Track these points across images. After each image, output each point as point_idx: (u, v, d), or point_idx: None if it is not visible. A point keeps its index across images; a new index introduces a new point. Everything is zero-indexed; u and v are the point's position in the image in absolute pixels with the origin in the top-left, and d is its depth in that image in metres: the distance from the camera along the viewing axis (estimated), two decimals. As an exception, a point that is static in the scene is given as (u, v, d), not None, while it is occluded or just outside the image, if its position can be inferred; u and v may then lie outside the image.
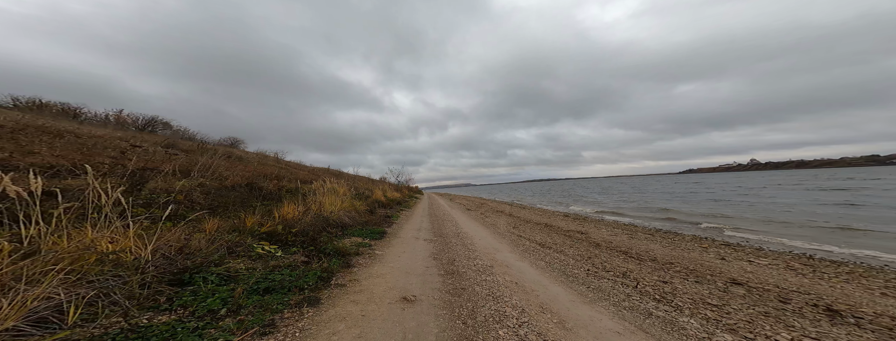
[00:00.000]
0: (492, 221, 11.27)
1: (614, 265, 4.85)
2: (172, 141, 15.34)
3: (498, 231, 8.68)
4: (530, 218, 13.13)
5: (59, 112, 17.31)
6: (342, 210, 6.82)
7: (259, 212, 4.56)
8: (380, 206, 12.57)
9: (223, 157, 14.91)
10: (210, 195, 4.46)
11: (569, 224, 10.83)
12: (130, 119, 20.36)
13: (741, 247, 6.97)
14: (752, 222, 10.68)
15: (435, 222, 9.96)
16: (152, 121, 21.70)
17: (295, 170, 21.40)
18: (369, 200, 10.74)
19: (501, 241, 6.83)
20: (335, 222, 6.01)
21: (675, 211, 14.32)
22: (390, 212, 11.38)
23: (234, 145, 25.50)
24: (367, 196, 10.99)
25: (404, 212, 12.98)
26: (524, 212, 16.44)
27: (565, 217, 14.16)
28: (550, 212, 16.57)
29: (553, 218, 13.33)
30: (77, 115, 17.35)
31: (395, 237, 6.69)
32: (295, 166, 24.45)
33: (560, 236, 7.96)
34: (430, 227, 8.62)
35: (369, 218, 8.34)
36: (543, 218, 13.34)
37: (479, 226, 9.75)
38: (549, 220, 12.10)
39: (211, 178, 5.35)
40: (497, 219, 12.11)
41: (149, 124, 21.43)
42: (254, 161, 18.74)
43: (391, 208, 13.52)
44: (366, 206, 9.20)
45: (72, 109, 17.49)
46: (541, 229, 9.38)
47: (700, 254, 5.77)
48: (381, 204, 12.98)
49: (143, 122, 21.08)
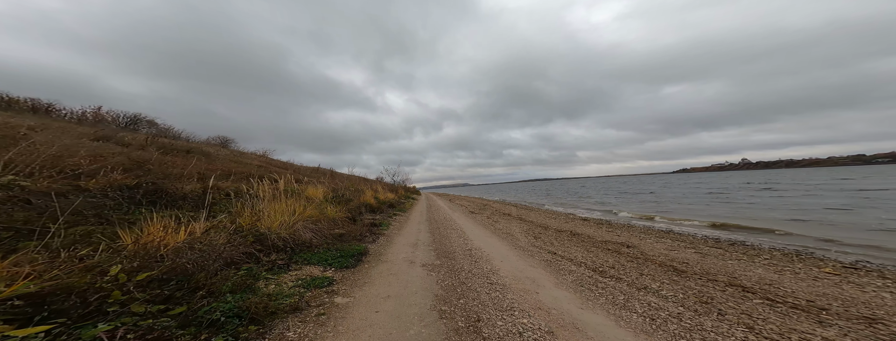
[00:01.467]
0: (504, 228, 9.19)
1: (773, 321, 2.77)
2: (109, 134, 12.97)
3: (518, 243, 6.60)
4: (546, 222, 11.07)
5: (28, 108, 15.72)
6: (303, 221, 4.68)
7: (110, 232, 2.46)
8: (368, 211, 10.43)
9: (175, 153, 12.66)
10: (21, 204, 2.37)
11: (600, 232, 8.78)
12: (111, 116, 19.14)
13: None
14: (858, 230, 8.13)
15: (436, 231, 7.86)
16: (135, 119, 20.24)
17: (278, 168, 19.17)
18: (352, 204, 8.58)
19: (532, 263, 4.75)
20: (283, 241, 3.88)
21: (729, 216, 12.06)
22: (380, 219, 9.24)
23: (225, 144, 24.41)
24: (348, 199, 8.83)
25: (398, 218, 10.85)
26: (535, 215, 14.38)
27: (586, 222, 12.11)
28: (565, 216, 14.52)
29: (574, 223, 11.28)
30: (49, 111, 16.17)
31: (378, 260, 4.57)
32: (278, 164, 22.19)
33: (603, 252, 5.90)
34: (430, 240, 6.51)
35: (349, 228, 6.21)
36: (562, 223, 11.28)
37: (492, 235, 7.67)
38: (573, 227, 10.04)
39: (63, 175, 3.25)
40: (509, 225, 10.04)
41: (132, 122, 19.98)
42: (226, 158, 16.49)
43: (382, 212, 11.38)
44: (346, 212, 7.06)
45: (43, 105, 16.26)
46: (570, 240, 7.32)
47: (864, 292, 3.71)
48: (370, 208, 10.83)
49: (126, 120, 19.61)
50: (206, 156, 14.61)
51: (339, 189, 11.02)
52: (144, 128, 20.37)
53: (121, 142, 11.59)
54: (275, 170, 18.40)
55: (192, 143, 18.26)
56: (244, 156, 20.41)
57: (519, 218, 13.12)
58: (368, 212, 10.27)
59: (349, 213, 7.34)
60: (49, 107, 16.25)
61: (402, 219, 10.84)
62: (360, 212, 9.08)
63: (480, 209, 17.91)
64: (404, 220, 10.28)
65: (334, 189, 11.09)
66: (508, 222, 11.08)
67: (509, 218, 12.99)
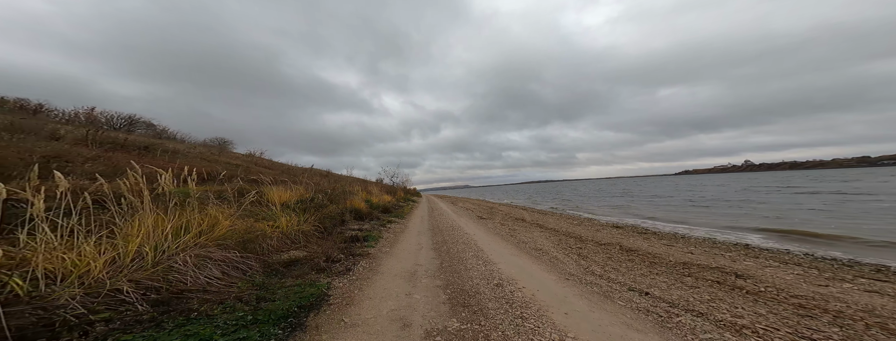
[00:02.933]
0: (529, 240, 7.03)
1: None
2: (37, 126, 10.93)
3: (563, 267, 4.46)
4: (576, 231, 8.90)
5: (14, 108, 14.90)
6: (203, 245, 2.54)
7: None
8: (355, 218, 8.28)
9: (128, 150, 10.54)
10: None
11: (659, 247, 6.60)
12: (104, 117, 18.73)
13: None
14: None
15: (442, 247, 5.70)
16: (131, 120, 19.75)
17: (264, 168, 17.03)
18: (329, 211, 6.40)
19: (617, 312, 2.60)
20: (145, 291, 1.74)
21: (822, 223, 9.59)
22: (368, 229, 7.08)
23: (222, 146, 24.03)
24: (321, 204, 6.64)
25: (394, 226, 8.69)
26: (555, 221, 12.21)
27: (621, 230, 9.92)
28: (590, 222, 12.32)
29: (610, 233, 9.10)
30: (37, 112, 15.53)
31: (338, 324, 2.41)
32: (264, 164, 20.05)
33: (707, 286, 3.74)
34: (436, 266, 4.36)
35: (314, 248, 4.05)
36: (595, 231, 9.11)
37: (519, 253, 5.51)
38: (613, 238, 7.86)
39: None
40: (532, 235, 7.89)
41: (127, 123, 19.55)
42: (197, 156, 14.34)
43: (374, 219, 9.22)
44: (314, 223, 4.89)
45: (31, 106, 15.73)
46: (630, 260, 5.16)
47: None
48: (358, 214, 8.66)
49: (121, 121, 19.16)
50: (170, 153, 12.49)
51: (320, 191, 8.86)
52: (141, 129, 20.04)
53: (54, 136, 9.49)
54: (259, 169, 16.29)
55: (157, 140, 16.17)
56: (224, 154, 18.30)
57: (537, 224, 10.96)
58: (355, 220, 8.11)
59: (321, 224, 5.17)
60: (38, 107, 15.59)
61: (399, 227, 8.68)
62: (342, 220, 6.92)
63: (489, 213, 15.75)
64: (401, 230, 8.11)
65: (317, 190, 8.94)
66: (528, 230, 8.92)
67: (526, 224, 10.83)
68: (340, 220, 6.77)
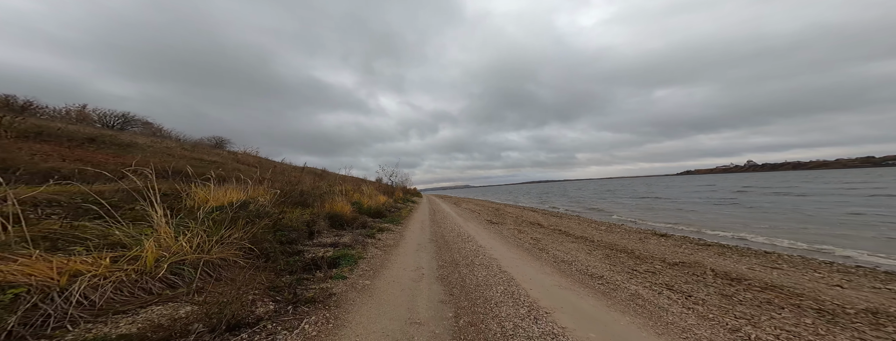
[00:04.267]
0: (568, 258, 5.04)
1: None
2: None
3: (677, 322, 2.48)
4: (621, 244, 6.91)
5: (2, 104, 14.43)
6: None
7: None
8: (334, 226, 6.29)
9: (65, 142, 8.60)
10: None
11: (797, 277, 4.62)
12: (97, 115, 18.21)
13: None
14: None
15: (454, 278, 3.69)
16: (125, 118, 19.21)
17: (245, 166, 15.03)
18: (268, 223, 4.37)
19: None
20: None
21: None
22: (346, 242, 5.06)
23: (220, 145, 23.43)
24: (260, 213, 4.58)
25: (386, 237, 6.69)
26: (578, 226, 10.24)
27: (676, 242, 7.96)
28: (623, 228, 10.32)
29: (669, 245, 7.11)
30: (25, 109, 14.90)
31: None
32: (248, 162, 18.02)
33: None
34: (453, 327, 2.36)
35: (201, 303, 2.06)
36: (644, 243, 7.12)
37: (574, 285, 3.52)
38: (693, 256, 5.86)
39: None
40: (564, 247, 5.92)
41: (122, 121, 19.05)
42: (160, 152, 12.31)
43: (361, 227, 7.22)
44: (242, 243, 2.90)
45: (18, 103, 15.08)
46: (769, 301, 3.17)
47: None
48: (339, 220, 6.67)
49: (115, 119, 18.64)
50: (125, 146, 10.50)
51: (290, 190, 6.87)
52: (137, 128, 19.56)
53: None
54: (241, 167, 14.30)
55: (109, 131, 14.17)
56: (197, 150, 16.28)
57: (560, 231, 8.98)
58: (334, 229, 6.12)
59: (258, 243, 3.17)
60: (27, 104, 15.13)
61: (392, 238, 6.68)
62: (311, 231, 4.91)
63: (497, 216, 13.76)
64: (394, 243, 6.11)
65: (287, 189, 6.93)
66: (556, 240, 6.94)
67: (546, 230, 8.86)
68: (309, 232, 4.76)
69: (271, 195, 6.19)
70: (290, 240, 4.01)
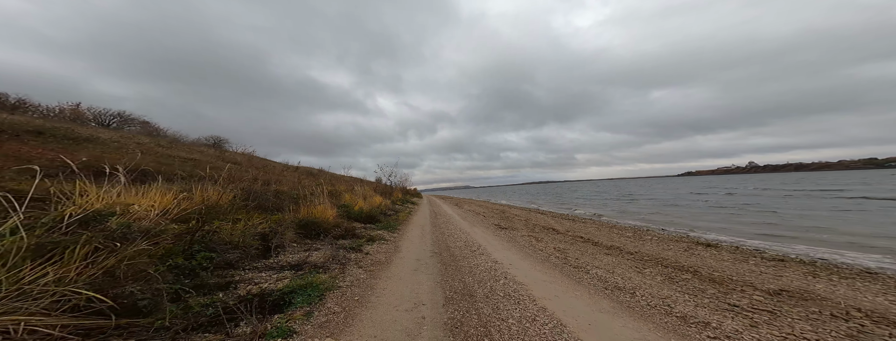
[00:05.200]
0: (617, 280, 3.69)
1: None
2: None
3: None
4: (663, 256, 5.56)
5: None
6: None
7: None
8: (310, 234, 4.95)
9: None
10: None
11: None
12: (92, 113, 18.05)
13: None
14: None
15: (476, 336, 2.33)
16: (121, 117, 19.02)
17: (233, 164, 13.70)
18: (134, 249, 3.03)
19: None
20: None
21: None
22: (315, 261, 3.70)
23: (217, 145, 23.04)
24: (153, 235, 3.23)
25: (375, 251, 5.33)
26: (600, 233, 8.89)
27: (738, 256, 6.61)
28: (662, 236, 8.94)
29: (735, 261, 5.74)
30: (17, 107, 14.53)
31: None
32: (238, 160, 16.66)
33: None
34: None
35: None
36: (696, 257, 5.76)
37: (643, 325, 2.16)
38: (781, 278, 4.49)
39: None
40: (601, 262, 4.58)
41: (119, 120, 18.86)
42: (129, 147, 10.94)
43: (346, 237, 5.86)
44: (82, 284, 1.53)
45: (9, 101, 14.78)
46: None
47: None
48: (314, 230, 5.32)
49: (110, 118, 18.48)
50: (78, 141, 9.14)
51: (264, 192, 5.51)
52: (134, 127, 19.32)
53: None
54: (223, 165, 12.96)
55: (63, 124, 12.84)
56: (176, 147, 14.92)
57: (582, 238, 7.65)
58: (307, 240, 4.75)
59: (116, 282, 1.82)
60: (19, 102, 14.92)
61: (383, 252, 5.32)
62: (269, 247, 3.56)
63: (504, 219, 12.41)
64: (384, 260, 4.75)
65: (251, 192, 5.58)
66: (586, 252, 5.58)
67: (566, 238, 7.52)
68: (264, 249, 3.41)
69: (228, 197, 4.85)
70: (224, 263, 2.67)
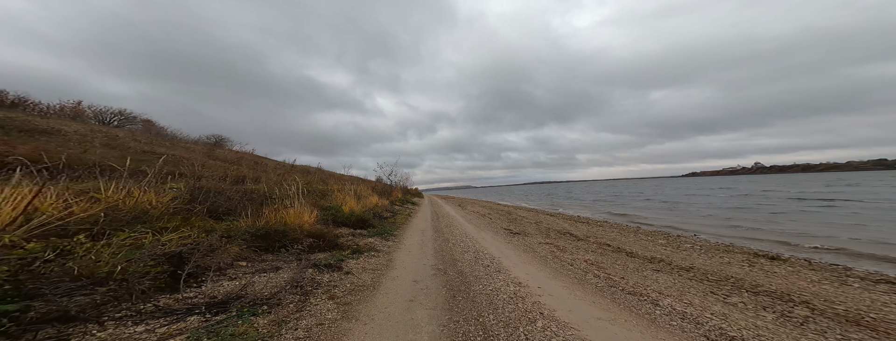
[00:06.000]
0: (701, 311, 2.46)
1: None
2: None
3: None
4: (730, 273, 4.34)
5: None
6: None
7: None
8: (272, 246, 3.77)
9: None
10: None
11: None
12: (93, 111, 18.21)
13: None
14: None
15: None
16: (122, 115, 19.20)
17: (219, 162, 12.62)
18: None
19: None
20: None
21: None
22: (251, 301, 2.53)
23: (219, 143, 23.19)
24: None
25: (360, 269, 4.15)
26: (624, 238, 7.68)
27: (824, 272, 5.38)
28: (707, 246, 7.71)
29: (818, 279, 4.52)
30: (16, 105, 14.63)
31: None
32: (229, 158, 15.54)
33: None
34: None
35: None
36: (770, 275, 4.53)
37: None
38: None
39: None
40: (651, 278, 3.34)
41: (122, 118, 19.07)
42: (94, 141, 9.84)
43: (330, 248, 4.71)
44: None
45: (8, 98, 14.76)
46: None
47: None
48: (280, 240, 4.14)
49: (111, 116, 18.64)
50: (34, 133, 8.04)
51: (206, 190, 4.35)
52: (136, 126, 19.56)
53: None
54: (205, 163, 11.88)
55: (16, 115, 11.78)
56: (156, 143, 13.83)
57: (608, 245, 6.46)
58: (268, 253, 3.60)
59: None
60: (19, 100, 14.93)
61: (373, 267, 4.15)
62: (174, 276, 2.40)
63: (513, 222, 11.22)
64: (373, 279, 3.59)
65: (198, 191, 4.44)
66: (626, 266, 4.37)
67: (591, 246, 6.31)
68: (171, 276, 2.24)
69: (166, 198, 3.71)
70: (60, 315, 1.49)
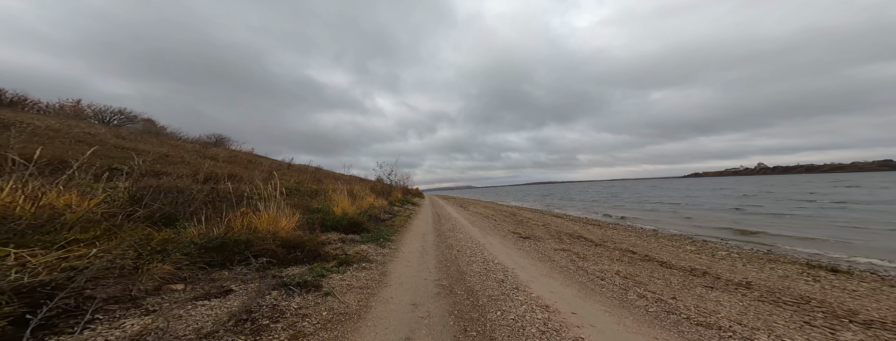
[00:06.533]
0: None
1: None
2: None
3: None
4: (803, 292, 3.51)
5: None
6: None
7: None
8: (228, 260, 2.96)
9: None
10: None
11: None
12: (92, 110, 17.91)
13: None
14: None
15: None
16: (122, 114, 18.95)
17: (208, 159, 11.90)
18: None
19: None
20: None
21: None
22: None
23: (219, 142, 22.86)
24: None
25: (344, 287, 3.36)
26: (646, 244, 6.86)
27: None
28: (746, 254, 6.88)
29: None
30: (14, 103, 14.30)
31: None
32: (221, 156, 14.80)
33: None
34: None
35: None
36: (843, 292, 3.71)
37: None
38: None
39: None
40: (709, 299, 2.54)
41: (121, 117, 18.80)
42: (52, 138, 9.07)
43: (313, 260, 3.92)
44: None
45: (7, 97, 14.33)
46: None
47: None
48: (239, 250, 3.35)
49: (111, 115, 18.41)
50: None
51: (154, 189, 3.56)
52: (137, 125, 19.43)
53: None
54: (190, 161, 11.16)
55: None
56: (141, 140, 13.10)
57: (634, 253, 5.64)
58: (226, 269, 2.82)
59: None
60: (18, 98, 14.67)
61: (362, 284, 3.38)
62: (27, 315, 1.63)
63: (520, 224, 10.44)
64: (361, 300, 2.81)
65: (134, 190, 3.67)
66: (669, 282, 3.57)
67: (614, 253, 5.50)
68: (24, 322, 1.47)
69: (95, 201, 2.96)
70: None
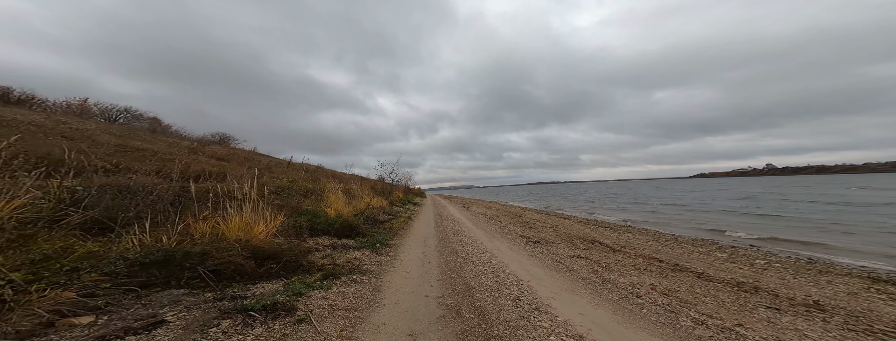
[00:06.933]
0: None
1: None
2: None
3: None
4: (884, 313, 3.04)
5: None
6: None
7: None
8: (176, 281, 2.56)
9: None
10: None
11: None
12: (99, 108, 18.24)
13: None
14: None
15: None
16: (129, 113, 19.42)
17: (200, 157, 11.61)
18: None
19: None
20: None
21: None
22: None
23: (223, 141, 23.32)
24: None
25: (325, 312, 2.97)
26: (669, 249, 6.40)
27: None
28: (788, 262, 6.37)
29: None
30: (22, 101, 14.51)
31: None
32: (217, 154, 14.50)
33: None
34: None
35: None
36: None
37: None
38: None
39: None
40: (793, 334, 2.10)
41: (127, 116, 19.30)
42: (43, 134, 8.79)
43: (293, 271, 3.54)
44: None
45: (14, 95, 14.54)
46: None
47: None
48: (189, 265, 2.95)
49: (117, 113, 18.85)
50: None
51: (98, 189, 3.17)
52: (143, 123, 19.88)
53: None
54: (185, 159, 10.86)
55: None
56: (134, 137, 12.84)
57: (661, 261, 5.19)
58: (174, 288, 2.44)
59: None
60: (26, 97, 14.95)
61: (344, 311, 3.01)
62: None
63: (526, 227, 10.01)
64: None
65: (73, 188, 3.30)
66: (722, 302, 3.12)
67: (636, 261, 5.05)
68: None
69: (16, 203, 2.58)
70: None
